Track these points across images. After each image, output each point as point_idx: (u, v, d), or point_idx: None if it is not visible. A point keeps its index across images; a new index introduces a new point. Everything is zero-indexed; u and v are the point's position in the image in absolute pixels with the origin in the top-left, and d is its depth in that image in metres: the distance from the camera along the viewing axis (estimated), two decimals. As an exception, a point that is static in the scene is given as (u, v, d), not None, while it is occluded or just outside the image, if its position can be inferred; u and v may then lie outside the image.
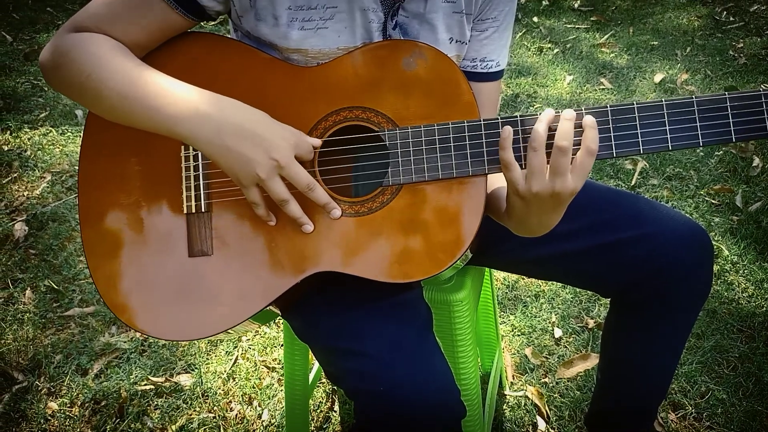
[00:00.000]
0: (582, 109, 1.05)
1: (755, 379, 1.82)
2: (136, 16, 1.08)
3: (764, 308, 2.07)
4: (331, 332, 1.06)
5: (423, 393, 0.99)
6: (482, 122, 1.06)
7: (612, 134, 1.04)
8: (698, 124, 1.03)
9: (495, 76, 1.27)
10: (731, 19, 4.17)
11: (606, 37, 4.04)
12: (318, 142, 1.06)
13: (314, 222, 1.07)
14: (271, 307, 1.10)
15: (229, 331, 1.08)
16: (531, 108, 3.27)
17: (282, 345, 2.02)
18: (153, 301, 1.07)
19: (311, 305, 1.12)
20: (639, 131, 1.04)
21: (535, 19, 4.31)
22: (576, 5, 4.50)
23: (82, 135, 1.14)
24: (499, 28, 1.22)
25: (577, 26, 4.22)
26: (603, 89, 3.43)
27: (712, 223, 2.44)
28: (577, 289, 2.16)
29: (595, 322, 2.05)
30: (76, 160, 2.90)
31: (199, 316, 1.06)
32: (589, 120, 1.00)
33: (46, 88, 3.52)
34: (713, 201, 2.57)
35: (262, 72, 1.10)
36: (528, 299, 2.17)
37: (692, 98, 1.04)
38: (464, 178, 1.06)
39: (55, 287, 2.24)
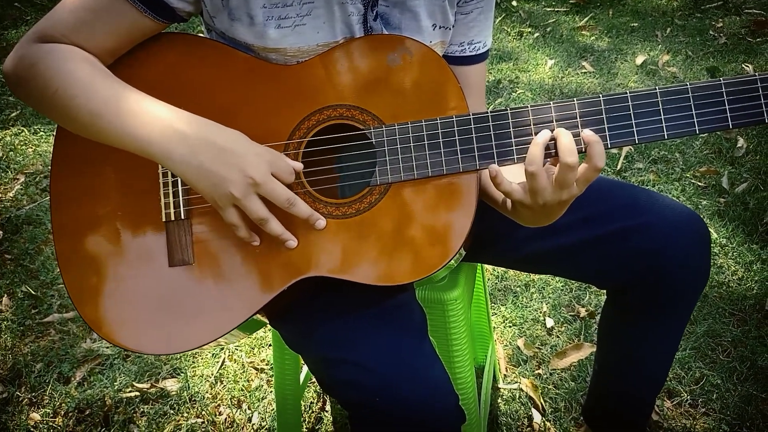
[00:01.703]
0: (574, 100, 1.01)
1: (749, 363, 1.81)
2: (104, 22, 1.02)
3: (754, 290, 2.06)
4: (323, 341, 1.02)
5: (421, 402, 0.95)
6: (471, 116, 1.02)
7: (606, 125, 1.01)
8: (694, 111, 1.00)
9: (482, 57, 1.25)
10: (710, -3, 4.15)
11: (586, 19, 4.01)
12: (300, 165, 1.01)
13: (298, 227, 1.02)
14: (258, 315, 1.05)
15: (218, 341, 1.03)
16: (513, 94, 3.23)
17: (270, 345, 1.98)
18: (133, 314, 1.02)
19: (300, 313, 1.08)
20: (633, 121, 1.01)
21: (514, 2, 4.27)
22: (554, -12, 4.46)
23: (53, 143, 1.09)
24: (483, 8, 1.19)
25: (556, 9, 4.18)
26: (585, 73, 3.40)
27: (700, 206, 2.43)
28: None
29: (586, 311, 2.03)
30: (50, 160, 2.82)
31: (182, 328, 1.02)
32: (591, 136, 0.97)
33: (16, 87, 3.42)
34: (699, 183, 2.55)
35: (241, 73, 1.06)
36: (518, 289, 2.14)
37: (687, 85, 1.00)
38: (455, 175, 1.02)
39: (33, 293, 2.17)
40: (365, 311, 1.04)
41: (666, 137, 1.01)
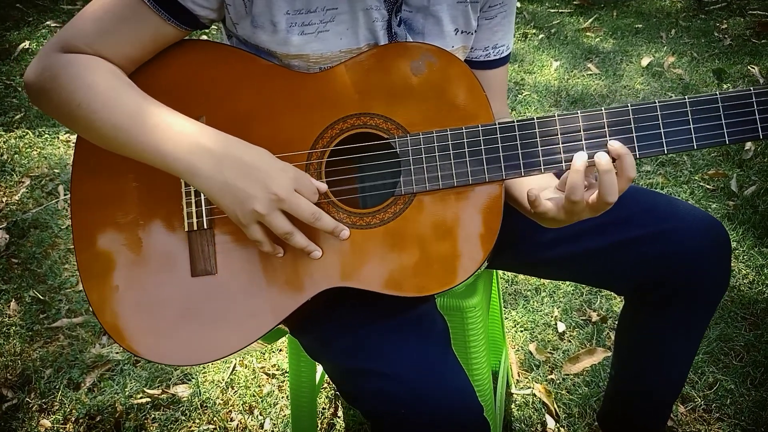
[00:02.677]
0: (602, 110, 1.00)
1: (763, 368, 1.81)
2: (127, 30, 1.01)
3: (766, 294, 2.05)
4: (347, 351, 1.01)
5: (449, 413, 0.94)
6: (497, 126, 1.01)
7: (635, 134, 1.00)
8: (723, 121, 0.99)
9: (506, 60, 1.27)
10: (713, -1, 4.16)
11: (590, 21, 4.00)
12: (324, 186, 1.01)
13: (322, 237, 1.01)
14: (280, 325, 1.04)
15: (240, 352, 1.02)
16: (519, 96, 3.23)
17: (281, 350, 1.97)
18: (155, 324, 1.01)
19: (322, 323, 1.07)
20: (662, 130, 1.00)
21: (518, 4, 4.26)
22: (558, -11, 4.45)
23: (73, 152, 1.08)
24: (506, 12, 1.21)
25: (560, 11, 4.17)
26: (591, 74, 3.39)
27: (709, 209, 2.42)
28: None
29: (598, 315, 2.02)
30: (56, 162, 2.81)
31: (206, 339, 1.00)
32: (621, 148, 0.98)
33: (20, 88, 3.40)
34: (708, 186, 2.55)
35: (264, 80, 1.05)
36: (529, 293, 2.13)
37: (716, 95, 1.00)
38: (480, 185, 1.01)
39: (41, 297, 2.16)
40: (389, 321, 1.03)
41: (695, 147, 1.00)
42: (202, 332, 1.01)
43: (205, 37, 3.15)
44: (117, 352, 1.96)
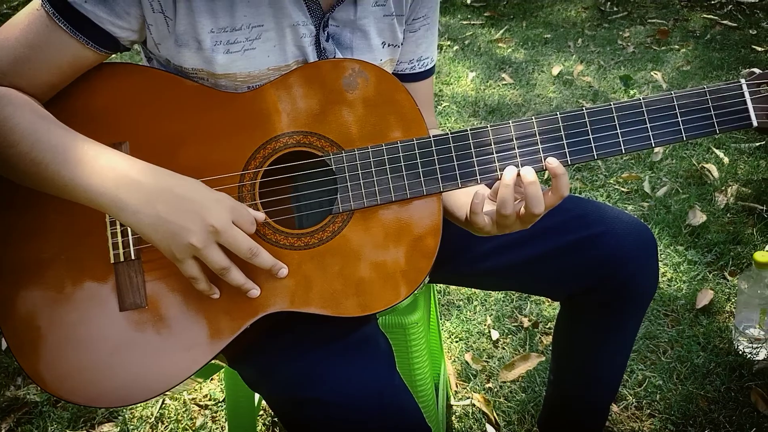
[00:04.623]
0: (532, 119, 1.01)
1: (688, 362, 1.87)
2: (44, 57, 0.95)
3: (684, 291, 2.13)
4: (289, 380, 0.97)
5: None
6: (432, 139, 1.00)
7: (565, 141, 1.02)
8: (648, 125, 1.02)
9: (431, 71, 1.27)
10: (615, 9, 4.33)
11: (501, 32, 4.10)
12: (262, 216, 0.96)
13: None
14: (215, 359, 0.99)
15: (169, 391, 0.96)
16: (439, 107, 3.26)
17: (212, 379, 1.89)
18: (83, 365, 0.94)
19: (262, 352, 1.02)
20: (591, 136, 1.02)
21: (431, 16, 4.33)
22: (468, 1, 4.55)
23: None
24: (429, 24, 1.21)
25: (472, 22, 4.26)
26: (505, 84, 3.47)
27: (626, 211, 2.51)
28: (508, 289, 2.15)
29: (529, 320, 2.05)
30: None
31: (138, 377, 0.94)
32: (557, 168, 1.00)
33: None
34: (623, 189, 2.64)
35: (190, 102, 1.00)
36: (461, 303, 2.14)
37: (640, 99, 1.02)
38: (418, 198, 1.00)
39: (-55, 340, 2.00)
40: (331, 346, 1.00)
41: (624, 151, 1.02)
42: (133, 371, 0.95)
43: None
44: (35, 394, 1.84)
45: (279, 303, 0.97)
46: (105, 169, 0.90)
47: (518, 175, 1.00)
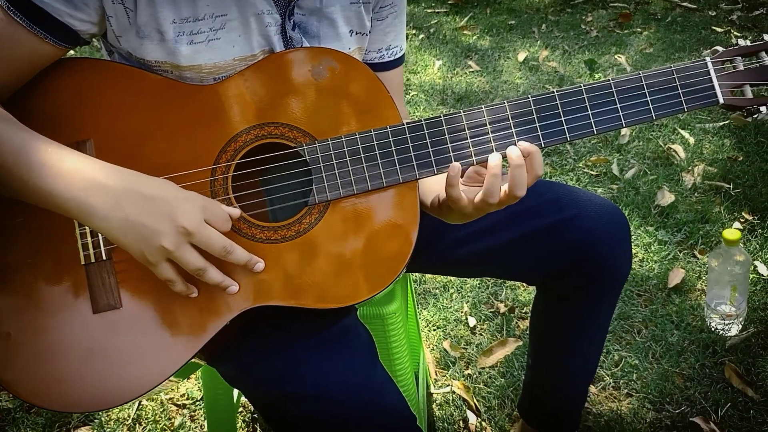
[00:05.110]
0: (504, 103, 1.01)
1: (661, 341, 1.90)
2: (0, 53, 0.91)
3: (655, 270, 2.16)
4: (270, 377, 0.96)
5: (383, 429, 0.91)
6: (406, 126, 0.99)
7: (537, 124, 1.02)
8: (618, 105, 1.03)
9: (400, 61, 1.25)
10: (577, -6, 4.37)
11: (466, 19, 4.10)
12: (237, 212, 0.94)
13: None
14: (194, 358, 0.98)
15: (149, 392, 0.94)
16: (407, 96, 3.25)
17: (189, 378, 1.87)
18: (57, 370, 0.92)
19: (242, 349, 1.00)
20: (563, 118, 1.02)
21: (395, 6, 4.31)
22: (431, -11, 4.54)
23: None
24: (397, 12, 1.19)
25: (436, 11, 4.26)
26: (472, 72, 3.47)
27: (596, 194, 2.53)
28: (483, 275, 2.15)
29: (505, 306, 2.06)
30: None
31: (115, 380, 0.92)
32: (530, 147, 0.98)
33: None
34: (592, 172, 2.66)
35: (155, 96, 0.97)
36: (437, 291, 2.14)
37: (609, 80, 1.03)
38: (394, 186, 0.99)
39: None
40: (311, 340, 0.99)
41: (595, 132, 1.03)
42: (110, 373, 0.92)
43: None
44: (7, 400, 1.79)
45: (257, 298, 0.96)
46: (71, 172, 0.86)
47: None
